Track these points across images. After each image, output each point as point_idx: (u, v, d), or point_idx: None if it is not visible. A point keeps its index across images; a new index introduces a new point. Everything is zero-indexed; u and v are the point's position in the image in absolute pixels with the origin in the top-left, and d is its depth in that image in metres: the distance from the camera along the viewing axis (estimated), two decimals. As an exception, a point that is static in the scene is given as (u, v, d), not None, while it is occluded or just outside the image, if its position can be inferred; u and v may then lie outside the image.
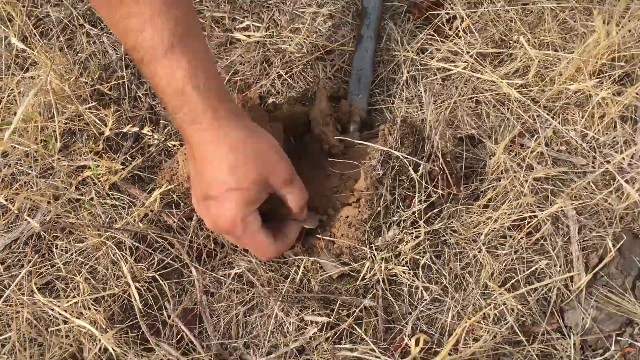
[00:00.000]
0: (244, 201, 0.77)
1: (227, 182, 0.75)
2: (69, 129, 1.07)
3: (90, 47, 1.17)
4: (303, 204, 0.85)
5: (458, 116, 1.10)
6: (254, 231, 0.80)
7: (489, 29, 1.19)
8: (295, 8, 1.24)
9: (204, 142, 0.75)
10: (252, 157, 0.76)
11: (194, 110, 0.73)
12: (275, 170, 0.79)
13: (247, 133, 0.77)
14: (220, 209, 0.77)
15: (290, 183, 0.82)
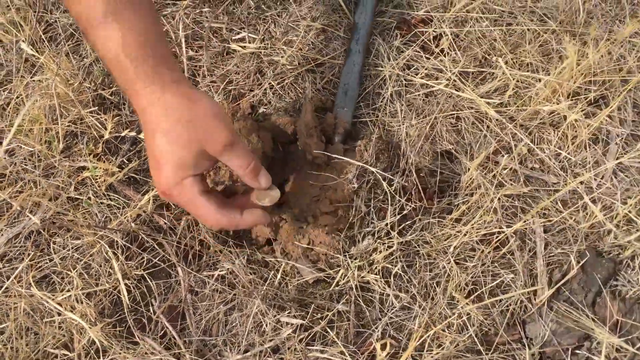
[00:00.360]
0: (176, 165, 0.76)
1: (160, 146, 0.76)
2: (71, 132, 1.14)
3: (94, 52, 1.23)
4: (249, 169, 0.83)
5: (438, 131, 1.16)
6: (191, 197, 0.79)
7: (474, 48, 1.24)
8: (291, 21, 1.30)
9: (142, 109, 0.77)
10: (186, 121, 0.76)
11: (130, 80, 0.76)
12: (212, 135, 0.77)
13: (182, 99, 0.77)
14: (156, 174, 0.78)
15: (231, 147, 0.79)
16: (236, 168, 0.83)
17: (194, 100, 0.78)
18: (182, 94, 0.78)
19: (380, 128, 1.16)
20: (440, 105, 1.17)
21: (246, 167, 0.83)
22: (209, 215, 0.81)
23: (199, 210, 0.81)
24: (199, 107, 0.78)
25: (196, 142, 0.77)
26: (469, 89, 1.18)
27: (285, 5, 1.32)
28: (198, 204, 0.80)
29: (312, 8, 1.31)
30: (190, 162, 0.78)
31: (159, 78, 0.77)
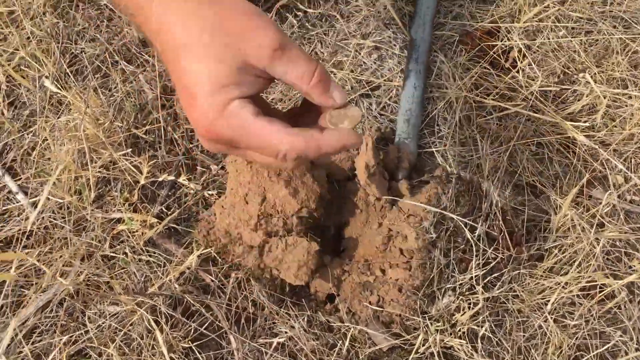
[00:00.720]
0: (213, 86, 0.55)
1: (186, 67, 0.56)
2: (103, 178, 1.02)
3: (125, 86, 1.11)
4: (315, 79, 0.59)
5: (517, 161, 1.01)
6: (244, 122, 0.56)
7: (550, 61, 1.09)
8: (338, 39, 1.17)
9: (155, 31, 0.58)
10: (213, 27, 0.56)
11: None
12: (252, 38, 0.56)
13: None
14: (191, 109, 0.57)
15: (282, 51, 0.57)
16: (296, 81, 0.58)
17: (221, 1, 0.58)
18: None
19: (452, 163, 1.02)
20: (518, 130, 1.02)
21: (310, 76, 0.58)
22: (277, 138, 0.57)
23: (260, 136, 0.57)
24: (226, 5, 0.58)
25: (234, 51, 0.56)
26: (551, 110, 1.02)
27: (331, 22, 1.18)
28: (256, 128, 0.56)
29: (362, 24, 1.17)
30: (231, 78, 0.56)
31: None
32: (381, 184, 0.98)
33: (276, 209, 0.94)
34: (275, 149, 0.57)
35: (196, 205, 1.02)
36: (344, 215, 1.02)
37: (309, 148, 0.58)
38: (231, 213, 0.95)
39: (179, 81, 0.58)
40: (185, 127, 1.08)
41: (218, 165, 1.05)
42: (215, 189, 1.02)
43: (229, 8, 0.58)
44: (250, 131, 0.56)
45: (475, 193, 0.89)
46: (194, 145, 1.07)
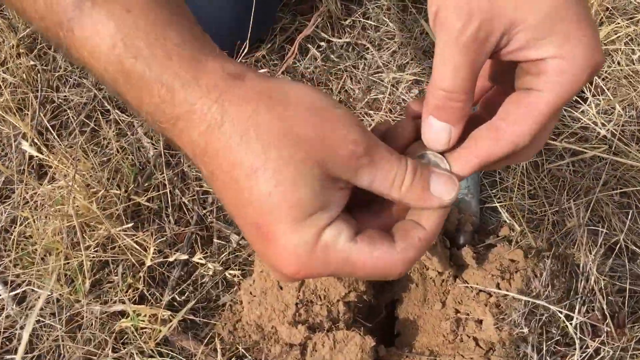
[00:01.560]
0: (295, 221, 0.43)
1: (252, 203, 0.44)
2: (99, 260, 0.83)
3: (120, 142, 0.93)
4: (400, 178, 0.46)
5: (601, 216, 0.84)
6: (346, 255, 0.45)
7: (625, 90, 0.92)
8: (371, 73, 0.99)
9: (197, 145, 0.44)
10: (280, 138, 0.43)
11: (155, 96, 0.44)
12: (332, 145, 0.43)
13: (261, 100, 0.43)
14: (270, 253, 0.45)
15: (369, 158, 0.44)
16: (384, 189, 0.46)
17: (281, 98, 0.44)
18: (257, 93, 0.43)
19: (520, 220, 0.84)
20: (601, 178, 0.84)
21: (402, 178, 0.46)
22: (388, 266, 0.46)
23: (368, 266, 0.45)
24: (290, 102, 0.44)
25: (312, 167, 0.43)
26: (636, 152, 0.85)
27: (361, 52, 1.01)
28: (361, 259, 0.45)
29: (397, 52, 1.00)
30: (316, 203, 0.43)
31: (207, 77, 0.43)
32: (443, 255, 0.81)
33: (318, 295, 0.76)
34: (388, 276, 0.46)
35: (215, 287, 0.84)
36: (396, 291, 0.84)
37: (422, 253, 0.47)
38: (262, 302, 0.77)
39: (242, 216, 0.44)
40: (196, 189, 0.90)
41: (239, 235, 0.87)
42: (238, 267, 0.84)
43: (298, 105, 0.43)
44: (355, 264, 0.44)
45: (570, 270, 0.71)
46: (208, 211, 0.89)
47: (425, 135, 0.48)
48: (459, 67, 0.45)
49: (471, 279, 0.80)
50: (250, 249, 0.85)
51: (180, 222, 0.88)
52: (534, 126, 0.47)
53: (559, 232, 0.83)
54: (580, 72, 0.46)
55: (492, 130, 0.47)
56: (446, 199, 0.46)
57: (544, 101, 0.46)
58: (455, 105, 0.47)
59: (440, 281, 0.82)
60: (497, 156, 0.48)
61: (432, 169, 0.47)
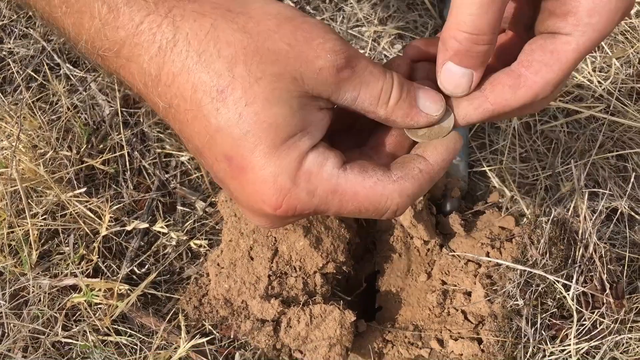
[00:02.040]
0: (272, 145, 0.37)
1: (221, 130, 0.37)
2: (48, 229, 0.75)
3: (72, 98, 0.83)
4: (386, 93, 0.40)
5: (599, 180, 0.78)
6: (334, 183, 0.39)
7: (621, 46, 0.86)
8: (350, 26, 0.91)
9: (148, 74, 0.38)
10: (247, 52, 0.37)
11: (95, 17, 0.38)
12: (308, 58, 0.37)
13: (223, 16, 0.37)
14: (243, 186, 0.39)
15: (351, 70, 0.39)
16: (370, 106, 0.40)
17: (241, 10, 0.38)
18: (214, 5, 0.38)
19: (511, 185, 0.78)
20: (598, 140, 0.79)
21: (388, 93, 0.40)
22: (382, 194, 0.40)
23: (359, 197, 0.40)
24: (256, 13, 0.38)
25: (288, 83, 0.37)
26: (634, 112, 0.80)
27: (338, 4, 0.92)
28: (351, 187, 0.39)
29: (378, 5, 0.92)
30: (294, 123, 0.38)
31: None
32: (429, 222, 0.74)
33: (293, 266, 0.69)
34: (382, 209, 0.40)
35: (179, 258, 0.76)
36: (377, 261, 0.77)
37: (422, 188, 0.42)
38: (231, 274, 0.69)
39: (210, 150, 0.38)
40: (157, 152, 0.81)
41: (206, 202, 0.79)
42: (205, 237, 0.76)
43: (262, 17, 0.37)
44: (345, 194, 0.39)
45: (568, 237, 0.65)
46: (171, 176, 0.81)
47: (444, 83, 0.42)
48: (488, 3, 0.38)
49: (459, 247, 0.74)
50: (218, 216, 0.78)
51: (139, 188, 0.80)
52: (560, 75, 0.41)
53: (552, 198, 0.77)
54: (614, 13, 0.40)
55: (512, 77, 0.42)
56: (434, 114, 0.42)
57: (572, 47, 0.40)
58: (481, 48, 0.40)
59: (426, 250, 0.75)
60: (513, 106, 0.42)
61: (417, 84, 0.42)
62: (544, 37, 0.42)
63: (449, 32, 0.40)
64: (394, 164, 0.42)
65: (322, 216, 0.71)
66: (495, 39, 0.41)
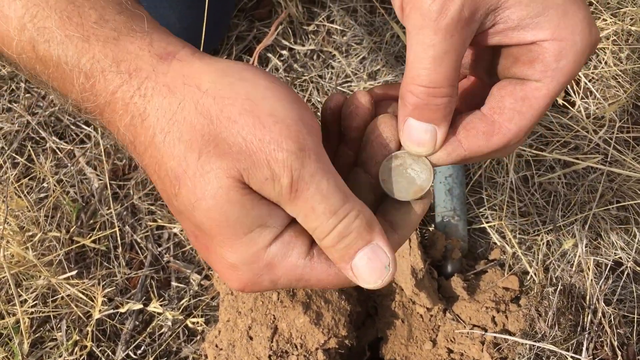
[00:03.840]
0: (232, 239, 0.36)
1: (182, 209, 0.37)
2: (39, 316, 0.72)
3: (59, 173, 0.81)
4: (322, 233, 0.37)
5: (601, 234, 0.77)
6: (299, 274, 0.38)
7: (612, 90, 0.85)
8: (339, 83, 0.90)
9: (126, 138, 0.38)
10: (203, 142, 0.35)
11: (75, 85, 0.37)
12: (257, 163, 0.35)
13: (190, 90, 0.36)
14: (212, 262, 0.39)
15: (294, 193, 0.36)
16: (310, 232, 0.38)
17: (211, 87, 0.36)
18: (185, 81, 0.37)
19: (512, 241, 0.76)
20: (598, 191, 0.77)
21: (321, 236, 0.37)
22: (347, 279, 0.39)
23: (324, 281, 0.39)
24: (227, 98, 0.36)
25: (236, 174, 0.36)
26: (632, 161, 0.78)
27: (327, 60, 0.91)
28: (316, 276, 0.39)
29: (366, 58, 0.91)
30: (250, 217, 0.36)
31: (129, 59, 0.37)
32: (432, 289, 0.72)
33: (293, 344, 0.67)
34: (345, 286, 0.40)
35: (176, 337, 0.74)
36: (380, 327, 0.75)
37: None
38: (230, 356, 0.67)
39: (181, 222, 0.39)
40: (149, 224, 0.79)
41: (201, 275, 0.77)
42: (201, 313, 0.74)
43: (228, 100, 0.36)
44: (309, 280, 0.39)
45: (576, 304, 0.63)
46: (164, 249, 0.79)
47: (407, 141, 0.40)
48: (442, 55, 0.37)
49: (463, 312, 0.72)
50: (213, 290, 0.76)
51: (132, 264, 0.78)
52: (532, 121, 0.40)
53: (555, 254, 0.75)
54: (581, 54, 0.39)
55: (486, 123, 0.40)
56: (363, 284, 0.38)
57: (543, 93, 0.39)
58: (440, 101, 0.39)
59: (429, 316, 0.73)
60: (486, 152, 0.40)
61: (373, 241, 0.38)
62: (513, 82, 0.40)
63: (406, 87, 0.39)
64: None
65: (321, 291, 0.70)
66: (455, 91, 0.39)
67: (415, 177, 0.41)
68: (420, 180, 0.40)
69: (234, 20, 0.94)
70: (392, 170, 0.40)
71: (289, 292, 0.68)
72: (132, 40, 0.37)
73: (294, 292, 0.68)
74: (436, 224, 0.78)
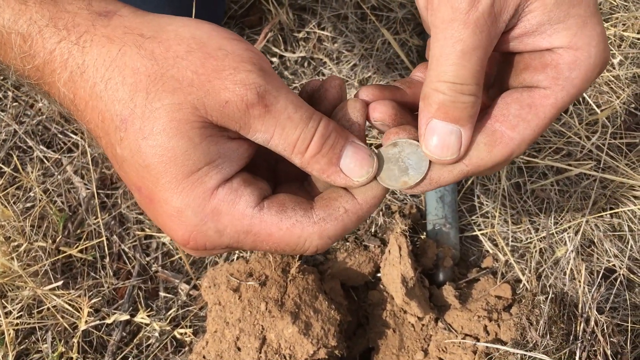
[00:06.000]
0: (175, 180, 0.35)
1: (125, 160, 0.36)
2: (24, 328, 0.71)
3: (46, 183, 0.80)
4: (304, 143, 0.37)
5: (595, 241, 0.76)
6: (247, 224, 0.37)
7: (605, 96, 0.85)
8: (330, 90, 0.89)
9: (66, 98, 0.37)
10: (150, 81, 0.35)
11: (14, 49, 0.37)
12: (213, 89, 0.35)
13: (131, 38, 0.36)
14: (156, 216, 0.38)
15: (263, 108, 0.35)
16: (285, 152, 0.37)
17: (154, 35, 0.36)
18: (126, 31, 0.36)
19: (504, 249, 0.75)
20: (591, 198, 0.76)
21: (306, 144, 0.37)
22: (299, 235, 0.37)
23: (274, 237, 0.37)
24: (169, 36, 0.36)
25: (189, 107, 0.35)
26: (625, 167, 0.78)
27: (317, 67, 0.91)
28: (266, 228, 0.37)
29: (358, 65, 0.90)
30: (198, 156, 0.35)
31: (66, 17, 0.36)
32: (423, 297, 0.71)
33: (282, 354, 0.66)
34: (300, 250, 0.38)
35: (164, 349, 0.72)
36: (371, 337, 0.74)
37: (346, 229, 0.39)
38: (218, 367, 0.66)
39: (123, 177, 0.38)
40: (137, 234, 0.78)
41: (189, 284, 0.76)
42: (190, 324, 0.73)
43: (173, 41, 0.35)
44: (259, 235, 0.37)
45: (568, 312, 0.62)
46: (152, 259, 0.78)
47: (430, 146, 0.38)
48: (471, 50, 0.36)
49: (455, 321, 0.71)
50: (202, 300, 0.75)
51: (119, 274, 0.76)
52: (537, 131, 0.38)
53: (548, 261, 0.74)
54: (593, 69, 0.38)
55: (486, 133, 0.38)
56: (356, 179, 0.37)
57: (551, 102, 0.38)
58: (467, 99, 0.37)
59: (420, 326, 0.72)
60: (489, 165, 0.39)
61: (349, 138, 0.37)
62: (519, 90, 0.39)
63: (430, 85, 0.37)
64: (318, 199, 0.38)
65: (310, 299, 0.68)
66: (480, 91, 0.37)
67: (409, 167, 0.40)
68: (413, 171, 0.39)
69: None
70: (387, 156, 0.39)
71: (278, 301, 0.67)
72: (70, 0, 0.37)
73: (283, 302, 0.67)
74: (427, 232, 0.77)
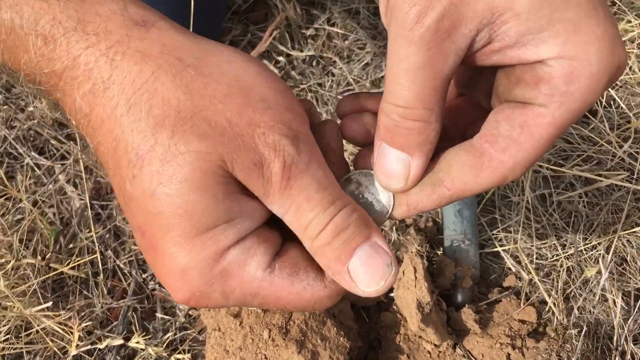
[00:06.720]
0: (187, 235, 0.32)
1: (136, 201, 0.32)
2: (9, 353, 0.67)
3: (38, 192, 0.76)
4: (316, 228, 0.33)
5: (627, 259, 0.70)
6: (255, 287, 0.33)
7: (638, 98, 0.78)
8: (340, 92, 0.83)
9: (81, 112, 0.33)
10: (177, 120, 0.31)
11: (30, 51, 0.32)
12: (241, 147, 0.31)
13: (168, 60, 0.32)
14: (158, 266, 0.33)
15: (286, 182, 0.32)
16: (297, 232, 0.34)
17: (195, 62, 0.32)
18: (164, 50, 0.32)
19: (528, 266, 0.70)
20: (623, 211, 0.70)
21: (315, 232, 0.33)
22: (308, 299, 0.35)
23: (283, 300, 0.35)
24: (212, 75, 0.32)
25: (216, 158, 0.31)
26: (662, 179, 0.71)
27: (327, 67, 0.85)
28: (275, 292, 0.34)
29: (370, 64, 0.84)
30: (217, 213, 0.32)
31: (98, 21, 0.32)
32: (440, 322, 0.66)
33: (287, 386, 0.61)
34: (309, 310, 0.36)
35: (161, 374, 0.68)
36: None
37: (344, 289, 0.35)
38: (217, 399, 0.61)
39: (127, 213, 0.34)
40: (133, 248, 0.73)
41: (187, 306, 0.71)
42: (188, 348, 0.68)
43: (214, 78, 0.32)
44: (267, 297, 0.34)
45: (603, 345, 0.57)
46: (149, 275, 0.73)
47: (377, 170, 0.35)
48: (415, 70, 0.32)
49: (475, 348, 0.65)
50: (201, 322, 0.70)
51: (114, 292, 0.72)
52: (533, 154, 0.33)
53: (576, 281, 0.68)
54: (598, 78, 0.32)
55: (474, 154, 0.34)
56: (363, 288, 0.33)
57: (547, 121, 0.33)
58: (412, 125, 0.33)
59: (437, 353, 0.67)
60: (475, 191, 0.34)
61: (372, 236, 0.33)
62: (512, 106, 0.34)
63: (381, 106, 0.34)
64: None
65: (317, 325, 0.63)
66: (434, 117, 0.33)
67: (373, 201, 0.36)
68: (379, 206, 0.35)
69: (227, 24, 0.87)
70: None
71: (282, 329, 0.61)
72: (102, 1, 0.32)
73: (287, 329, 0.62)
74: (445, 249, 0.71)
